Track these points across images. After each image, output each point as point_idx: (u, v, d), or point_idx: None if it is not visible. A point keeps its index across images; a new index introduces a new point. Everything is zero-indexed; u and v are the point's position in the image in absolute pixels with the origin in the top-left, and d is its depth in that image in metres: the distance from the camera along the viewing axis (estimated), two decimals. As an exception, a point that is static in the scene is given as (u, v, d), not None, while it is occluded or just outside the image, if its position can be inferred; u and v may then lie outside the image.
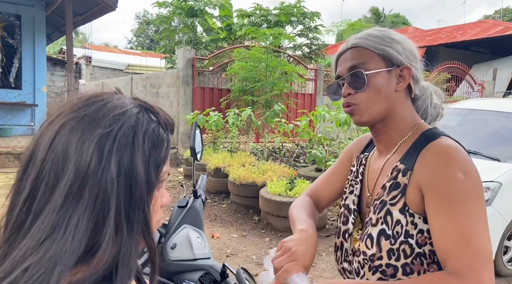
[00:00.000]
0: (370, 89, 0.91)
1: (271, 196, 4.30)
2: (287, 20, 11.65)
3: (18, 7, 8.26)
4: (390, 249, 0.88)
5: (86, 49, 17.01)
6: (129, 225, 0.54)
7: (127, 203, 0.54)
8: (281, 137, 6.43)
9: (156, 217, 0.61)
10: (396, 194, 0.89)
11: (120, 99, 0.59)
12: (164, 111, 0.63)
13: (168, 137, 0.60)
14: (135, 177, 0.54)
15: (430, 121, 0.99)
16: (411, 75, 0.93)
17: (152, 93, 10.17)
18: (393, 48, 0.92)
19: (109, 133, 0.53)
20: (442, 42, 15.93)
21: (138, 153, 0.55)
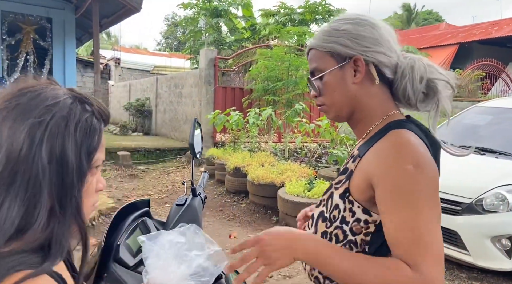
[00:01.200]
0: (325, 91, 0.92)
1: (289, 197, 4.22)
2: (312, 18, 11.50)
3: (49, 10, 8.56)
4: (325, 232, 0.88)
5: (116, 51, 17.50)
6: (61, 208, 0.58)
7: (59, 188, 0.58)
8: (303, 137, 6.33)
9: (90, 200, 0.66)
10: (342, 178, 0.89)
11: (54, 90, 0.62)
12: (99, 102, 0.67)
13: (100, 127, 0.65)
14: (66, 164, 0.59)
15: (417, 101, 0.89)
16: (363, 65, 0.88)
17: (175, 93, 10.31)
18: (339, 42, 0.89)
19: (40, 123, 0.57)
20: (476, 39, 15.27)
21: (69, 141, 0.59)
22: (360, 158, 0.86)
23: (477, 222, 3.11)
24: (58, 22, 8.79)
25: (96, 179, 0.67)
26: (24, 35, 8.57)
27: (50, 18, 8.68)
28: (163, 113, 11.33)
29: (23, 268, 0.55)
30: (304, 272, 0.97)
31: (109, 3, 7.57)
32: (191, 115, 9.30)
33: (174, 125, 10.50)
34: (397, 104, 0.94)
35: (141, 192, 5.82)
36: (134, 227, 1.28)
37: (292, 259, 0.79)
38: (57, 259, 0.60)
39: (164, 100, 11.16)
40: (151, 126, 12.18)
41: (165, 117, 11.15)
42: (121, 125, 12.21)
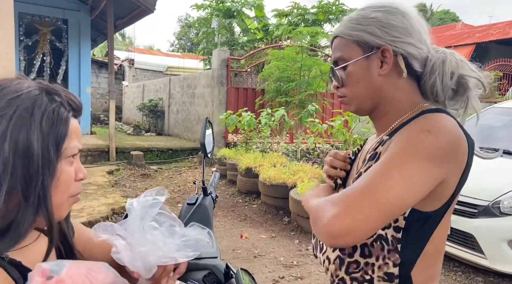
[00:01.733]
0: (349, 81, 0.88)
1: (301, 197, 4.20)
2: (326, 18, 11.44)
3: (65, 12, 8.72)
4: None
5: (130, 52, 17.71)
6: (26, 198, 0.60)
7: (23, 178, 0.59)
8: (315, 138, 6.29)
9: (67, 190, 0.67)
10: (371, 164, 0.82)
11: (19, 84, 0.63)
12: (69, 92, 0.69)
13: (68, 116, 0.66)
14: (31, 155, 0.60)
15: (445, 97, 0.84)
16: (391, 56, 0.83)
17: (188, 93, 10.37)
18: (367, 30, 0.84)
19: (2, 117, 0.59)
20: (494, 39, 14.96)
21: (34, 132, 0.60)
22: (390, 139, 0.81)
23: (493, 225, 3.04)
24: (73, 23, 8.94)
25: (74, 168, 0.68)
26: (40, 36, 8.76)
27: (66, 19, 8.85)
28: (175, 113, 11.41)
29: None
30: (314, 274, 0.93)
31: (124, 4, 7.67)
32: (204, 115, 9.34)
33: (187, 126, 10.57)
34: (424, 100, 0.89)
35: (153, 192, 5.86)
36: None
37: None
38: (9, 247, 0.60)
39: (177, 100, 11.24)
40: (163, 127, 12.28)
41: (178, 118, 11.22)
42: (134, 125, 12.34)
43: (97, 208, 4.47)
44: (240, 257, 3.63)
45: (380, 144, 0.84)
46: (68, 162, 0.67)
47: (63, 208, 0.68)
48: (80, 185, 0.70)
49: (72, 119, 0.68)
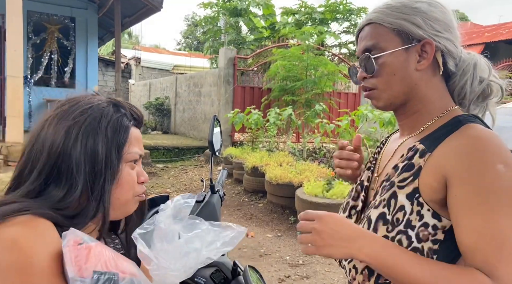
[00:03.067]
0: (383, 72, 0.81)
1: (307, 197, 4.18)
2: (333, 17, 11.38)
3: (72, 10, 8.76)
4: (385, 236, 0.76)
5: (136, 51, 17.77)
6: (92, 192, 0.71)
7: (91, 176, 0.71)
8: (321, 138, 6.26)
9: (128, 190, 0.77)
10: (407, 176, 0.77)
11: (92, 98, 0.76)
12: (132, 106, 0.81)
13: (129, 125, 0.77)
14: (97, 156, 0.71)
15: (472, 100, 0.84)
16: (433, 51, 0.79)
17: (195, 92, 10.38)
18: (411, 20, 0.79)
19: (75, 123, 0.71)
20: (503, 39, 14.79)
21: (100, 137, 0.72)
22: (431, 153, 0.76)
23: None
24: (81, 21, 8.99)
25: (136, 172, 0.78)
26: (48, 34, 8.81)
27: (73, 17, 8.89)
28: (182, 112, 11.43)
29: (44, 216, 0.67)
30: (320, 273, 0.91)
31: (131, 2, 7.69)
32: (210, 114, 9.34)
33: (193, 124, 10.58)
34: None
35: (159, 190, 5.88)
36: (153, 223, 1.28)
37: (346, 255, 0.72)
38: (70, 225, 0.68)
39: (183, 99, 11.26)
40: (170, 125, 12.31)
41: (184, 116, 11.24)
42: (140, 123, 12.39)
43: None
44: (246, 256, 3.62)
45: (415, 152, 0.79)
46: (130, 166, 0.77)
47: (129, 205, 0.79)
48: (144, 186, 0.81)
49: (133, 128, 0.79)
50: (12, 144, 5.95)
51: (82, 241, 0.65)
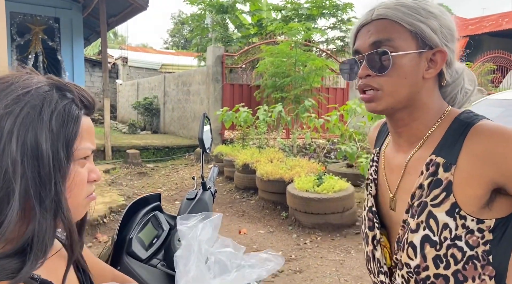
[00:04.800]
0: (395, 73, 0.76)
1: (298, 192, 4.22)
2: (319, 13, 11.43)
3: (56, 10, 8.64)
4: (437, 256, 0.74)
5: (123, 50, 17.59)
6: (41, 203, 0.55)
7: (35, 181, 0.55)
8: (311, 133, 6.31)
9: (81, 192, 0.63)
10: (438, 193, 0.74)
11: (28, 79, 0.59)
12: (81, 89, 0.64)
13: (80, 114, 0.61)
14: (41, 156, 0.55)
15: (460, 107, 0.85)
16: (445, 61, 0.77)
17: (183, 91, 10.34)
18: (429, 24, 0.75)
19: (9, 114, 0.54)
20: (487, 31, 15.04)
21: (43, 131, 0.56)
22: (455, 165, 0.74)
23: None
24: (65, 22, 8.87)
25: (87, 169, 0.65)
26: (33, 35, 8.67)
27: (58, 18, 8.76)
28: (171, 111, 11.38)
29: (0, 278, 0.52)
30: (313, 267, 0.94)
31: (116, 1, 7.62)
32: (199, 112, 9.32)
33: (183, 123, 10.55)
34: None
35: (150, 190, 5.86)
36: (146, 221, 1.29)
37: None
38: (38, 260, 0.56)
39: (172, 98, 11.21)
40: (159, 125, 12.25)
41: (174, 115, 11.20)
42: (129, 124, 12.30)
43: (94, 207, 4.44)
44: (239, 253, 3.65)
45: (436, 167, 0.76)
46: (80, 164, 0.63)
47: (80, 210, 0.66)
48: (93, 185, 0.68)
49: (84, 117, 0.63)
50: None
51: None
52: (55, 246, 0.64)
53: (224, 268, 0.85)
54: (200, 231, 0.88)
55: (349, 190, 4.22)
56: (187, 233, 0.88)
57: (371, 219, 0.89)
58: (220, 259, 0.86)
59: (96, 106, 0.67)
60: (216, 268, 0.85)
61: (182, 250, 0.86)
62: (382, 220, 0.89)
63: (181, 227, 0.90)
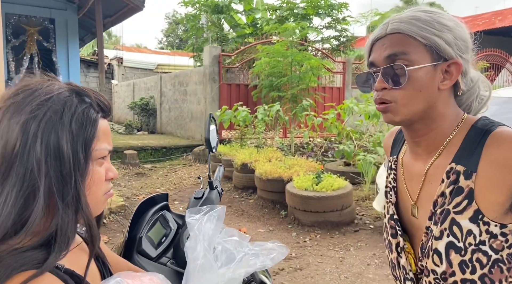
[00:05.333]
0: (410, 86, 0.78)
1: (297, 191, 4.25)
2: (315, 12, 11.46)
3: (51, 11, 8.59)
4: (462, 261, 0.76)
5: (118, 51, 17.53)
6: (63, 199, 0.60)
7: (57, 180, 0.60)
8: (309, 132, 6.35)
9: (99, 189, 0.68)
10: (460, 200, 0.77)
11: (50, 86, 0.64)
12: (98, 93, 0.69)
13: (97, 117, 0.67)
14: (62, 156, 0.60)
15: (473, 115, 0.87)
16: (460, 72, 0.79)
17: (180, 91, 10.33)
18: (443, 38, 0.77)
19: (33, 118, 0.60)
20: (480, 29, 15.14)
21: (64, 133, 0.61)
22: (476, 172, 0.75)
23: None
24: (61, 22, 8.82)
25: (105, 168, 0.69)
26: (28, 36, 8.62)
27: (53, 19, 8.72)
28: (168, 111, 11.37)
29: (26, 268, 0.56)
30: (313, 265, 0.97)
31: (112, 2, 7.60)
32: (197, 113, 9.32)
33: (180, 123, 10.54)
34: None
35: (149, 190, 5.87)
36: (155, 220, 1.32)
37: None
38: (62, 252, 0.60)
39: (169, 98, 11.20)
40: (156, 125, 12.23)
41: (170, 116, 11.19)
42: (126, 124, 12.27)
43: (110, 203, 4.46)
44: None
45: (457, 175, 0.78)
46: (98, 163, 0.67)
47: (98, 206, 0.70)
48: (110, 183, 0.72)
49: (101, 120, 0.68)
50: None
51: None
52: (76, 239, 0.70)
53: (231, 257, 0.88)
54: (206, 222, 0.91)
55: (347, 188, 4.26)
56: (194, 224, 0.92)
57: (393, 226, 0.91)
58: (227, 248, 0.89)
59: (111, 109, 0.73)
60: (223, 257, 0.88)
61: (190, 241, 0.89)
62: (404, 226, 0.91)
63: (189, 220, 0.93)
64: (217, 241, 0.90)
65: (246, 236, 0.93)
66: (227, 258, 0.87)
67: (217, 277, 0.83)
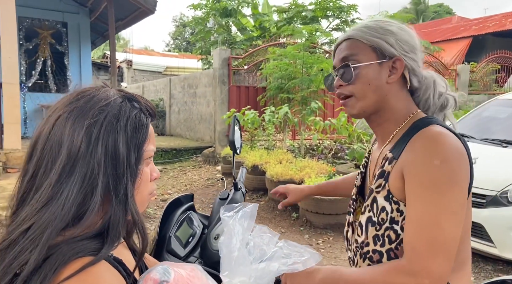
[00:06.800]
0: (360, 81, 0.93)
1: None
2: (323, 15, 11.47)
3: (64, 15, 8.72)
4: (375, 235, 0.90)
5: (127, 53, 17.69)
6: (116, 196, 0.65)
7: (113, 178, 0.65)
8: (319, 134, 6.35)
9: (146, 189, 0.73)
10: (381, 182, 0.91)
11: (106, 92, 0.70)
12: (145, 99, 0.75)
13: (147, 121, 0.72)
14: (118, 157, 0.66)
15: (434, 111, 0.98)
16: (403, 67, 0.92)
17: (189, 93, 10.39)
18: (385, 40, 0.92)
19: (96, 122, 0.65)
20: (490, 31, 15.05)
21: (120, 136, 0.66)
22: (396, 160, 0.89)
23: (502, 214, 3.11)
24: (73, 26, 8.95)
25: (150, 169, 0.74)
26: (41, 40, 8.75)
27: (65, 22, 8.85)
28: (177, 113, 11.44)
29: (82, 254, 0.61)
30: None
31: (123, 6, 7.68)
32: (206, 115, 9.37)
33: (189, 125, 10.60)
34: None
35: (161, 191, 5.91)
36: (182, 220, 1.35)
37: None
38: (114, 243, 0.66)
39: (178, 100, 11.27)
40: (165, 127, 12.31)
41: (180, 118, 11.25)
42: (135, 126, 12.35)
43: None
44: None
45: (386, 160, 0.92)
46: (146, 164, 0.72)
47: (143, 204, 0.75)
48: (155, 183, 0.77)
49: (149, 124, 0.74)
50: (11, 150, 5.94)
51: (161, 281, 0.64)
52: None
53: (262, 252, 0.91)
54: (240, 218, 0.95)
55: (360, 190, 4.26)
56: (228, 221, 0.95)
57: (350, 205, 1.08)
58: (259, 244, 0.92)
59: (156, 113, 0.78)
60: (256, 252, 0.91)
61: (224, 236, 0.92)
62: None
63: (224, 216, 0.97)
64: (249, 237, 0.93)
65: (276, 233, 0.96)
66: (259, 254, 0.90)
67: (250, 270, 0.85)
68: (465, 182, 0.83)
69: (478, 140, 3.76)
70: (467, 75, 10.69)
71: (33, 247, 0.58)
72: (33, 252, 0.58)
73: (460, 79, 10.58)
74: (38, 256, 0.57)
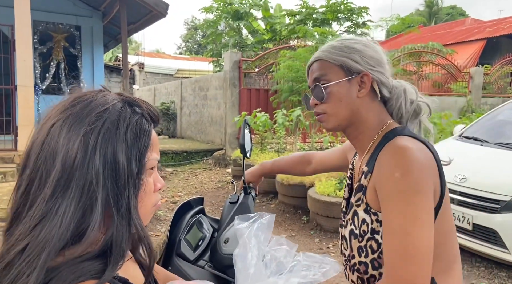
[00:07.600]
0: (331, 99, 0.97)
1: (319, 196, 4.23)
2: (334, 17, 11.44)
3: (77, 19, 8.86)
4: (359, 247, 0.93)
5: (139, 56, 17.89)
6: (118, 211, 0.59)
7: (114, 191, 0.59)
8: (330, 137, 6.32)
9: (150, 201, 0.68)
10: (360, 195, 0.95)
11: (104, 96, 0.64)
12: (148, 103, 0.69)
13: (150, 128, 0.66)
14: (118, 167, 0.60)
15: (408, 118, 1.01)
16: (371, 81, 0.96)
17: (200, 96, 10.45)
18: (350, 57, 0.96)
19: (92, 130, 0.59)
20: (505, 33, 14.79)
21: (120, 145, 0.60)
22: (371, 173, 0.92)
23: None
24: (86, 29, 9.08)
25: (153, 179, 0.68)
26: (55, 43, 8.90)
27: (79, 26, 8.98)
28: (188, 116, 11.50)
29: (84, 278, 0.56)
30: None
31: (136, 9, 7.77)
32: (216, 117, 9.41)
33: (200, 128, 10.65)
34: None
35: (171, 193, 5.94)
36: (192, 223, 1.35)
37: None
38: (119, 263, 0.60)
39: (189, 103, 11.34)
40: (176, 129, 12.40)
41: (191, 120, 11.32)
42: (147, 128, 12.46)
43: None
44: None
45: (363, 174, 0.95)
46: (149, 174, 0.66)
47: (147, 217, 0.69)
48: (159, 194, 0.71)
49: (152, 130, 0.67)
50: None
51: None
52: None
53: (280, 266, 0.88)
54: (256, 230, 0.93)
55: (371, 194, 4.22)
56: (244, 232, 0.93)
57: (341, 218, 1.09)
58: (276, 257, 0.90)
59: (160, 118, 0.71)
60: (273, 266, 0.88)
61: (239, 248, 0.90)
62: None
63: (239, 227, 0.95)
64: (266, 249, 0.90)
65: (294, 244, 0.93)
66: (277, 267, 0.88)
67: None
68: (430, 189, 0.84)
69: (492, 144, 3.70)
70: (481, 78, 10.52)
71: (30, 271, 0.53)
72: (31, 276, 0.52)
73: (474, 82, 10.42)
74: (36, 281, 0.52)
